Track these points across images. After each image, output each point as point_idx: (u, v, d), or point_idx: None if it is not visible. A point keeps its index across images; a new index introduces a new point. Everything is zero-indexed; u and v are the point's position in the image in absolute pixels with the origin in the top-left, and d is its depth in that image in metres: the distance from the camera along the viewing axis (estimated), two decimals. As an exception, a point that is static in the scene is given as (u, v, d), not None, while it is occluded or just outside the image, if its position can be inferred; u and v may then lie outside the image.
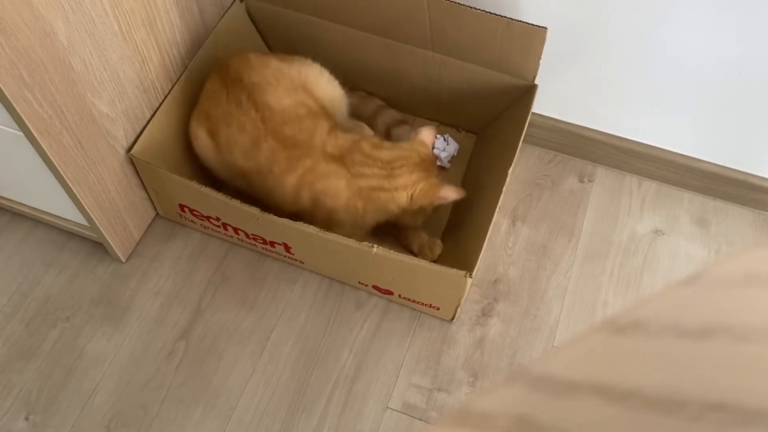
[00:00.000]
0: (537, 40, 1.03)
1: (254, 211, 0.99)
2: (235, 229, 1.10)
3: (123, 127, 1.03)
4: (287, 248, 1.09)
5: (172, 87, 1.11)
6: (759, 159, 1.19)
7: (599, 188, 1.28)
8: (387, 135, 1.26)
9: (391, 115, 1.28)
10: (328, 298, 1.14)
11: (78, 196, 0.99)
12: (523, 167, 1.30)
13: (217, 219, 1.09)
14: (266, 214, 0.99)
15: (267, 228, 1.04)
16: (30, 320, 1.11)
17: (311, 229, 0.97)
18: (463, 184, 1.22)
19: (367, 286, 1.12)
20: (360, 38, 1.18)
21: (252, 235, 1.09)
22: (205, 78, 1.17)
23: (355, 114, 1.27)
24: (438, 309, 1.09)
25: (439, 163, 1.24)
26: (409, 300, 1.10)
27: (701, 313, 0.18)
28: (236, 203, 0.99)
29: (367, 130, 1.24)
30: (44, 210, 1.14)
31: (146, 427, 1.02)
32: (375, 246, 0.95)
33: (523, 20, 1.02)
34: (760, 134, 1.14)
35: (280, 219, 0.98)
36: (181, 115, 1.13)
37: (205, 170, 1.13)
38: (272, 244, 1.10)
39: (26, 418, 1.03)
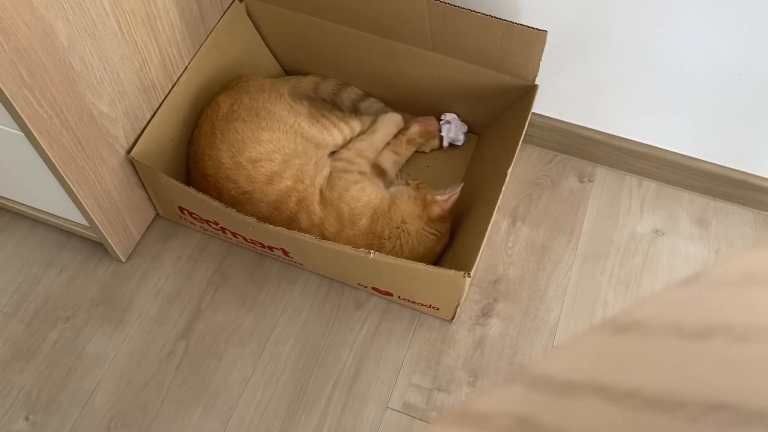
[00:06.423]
0: (537, 42, 1.03)
1: (250, 220, 0.99)
2: (234, 234, 1.10)
3: (123, 127, 1.03)
4: (285, 253, 1.09)
5: (172, 87, 1.11)
6: (759, 159, 1.19)
7: (599, 188, 1.28)
8: (354, 110, 1.27)
9: (354, 91, 1.28)
10: (328, 298, 1.14)
11: (78, 196, 0.99)
12: (523, 167, 1.30)
13: (216, 223, 1.09)
14: (262, 223, 0.99)
15: (264, 235, 1.04)
16: (30, 320, 1.11)
17: (307, 237, 0.97)
18: (463, 184, 1.22)
19: (366, 287, 1.12)
20: (360, 38, 1.18)
21: (250, 239, 1.09)
22: (204, 78, 1.17)
23: (316, 95, 1.28)
24: (438, 309, 1.09)
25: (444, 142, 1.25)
26: (408, 301, 1.09)
27: (701, 313, 0.18)
28: (232, 212, 0.99)
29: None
30: (44, 210, 1.14)
31: (146, 427, 1.02)
32: (372, 252, 0.95)
33: (523, 20, 1.02)
34: (760, 134, 1.14)
35: (276, 228, 0.98)
36: (181, 116, 1.13)
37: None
38: (270, 248, 1.10)
39: (26, 418, 1.03)
